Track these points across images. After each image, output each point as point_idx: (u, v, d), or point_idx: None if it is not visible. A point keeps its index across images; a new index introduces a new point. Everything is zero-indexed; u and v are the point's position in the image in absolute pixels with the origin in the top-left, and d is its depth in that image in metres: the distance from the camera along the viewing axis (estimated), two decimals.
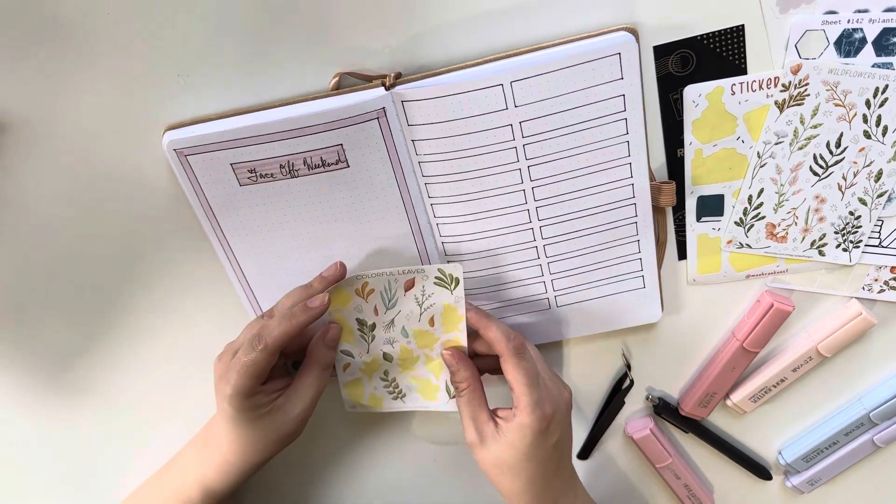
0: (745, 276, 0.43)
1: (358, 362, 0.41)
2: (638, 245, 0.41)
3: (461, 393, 0.39)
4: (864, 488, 0.50)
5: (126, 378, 0.45)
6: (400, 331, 0.40)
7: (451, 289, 0.38)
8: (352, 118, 0.35)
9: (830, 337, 0.43)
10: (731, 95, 0.37)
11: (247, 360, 0.36)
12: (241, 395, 0.37)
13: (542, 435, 0.37)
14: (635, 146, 0.37)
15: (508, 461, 0.38)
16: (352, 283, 0.39)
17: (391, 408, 0.43)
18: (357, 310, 0.40)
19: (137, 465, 0.48)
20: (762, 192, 0.40)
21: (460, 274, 0.38)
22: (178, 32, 0.35)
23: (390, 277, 0.38)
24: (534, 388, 0.37)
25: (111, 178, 0.39)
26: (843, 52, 0.36)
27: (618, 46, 0.34)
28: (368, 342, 0.40)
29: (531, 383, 0.37)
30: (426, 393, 0.42)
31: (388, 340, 0.40)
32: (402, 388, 0.42)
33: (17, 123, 0.36)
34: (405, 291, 0.39)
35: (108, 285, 0.42)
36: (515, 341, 0.38)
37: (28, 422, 0.46)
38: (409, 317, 0.39)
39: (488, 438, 0.38)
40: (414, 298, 0.39)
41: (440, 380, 0.42)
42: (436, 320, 0.39)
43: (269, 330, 0.36)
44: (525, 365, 0.37)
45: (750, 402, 0.46)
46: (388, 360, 0.41)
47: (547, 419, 0.37)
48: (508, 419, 0.38)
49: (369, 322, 0.40)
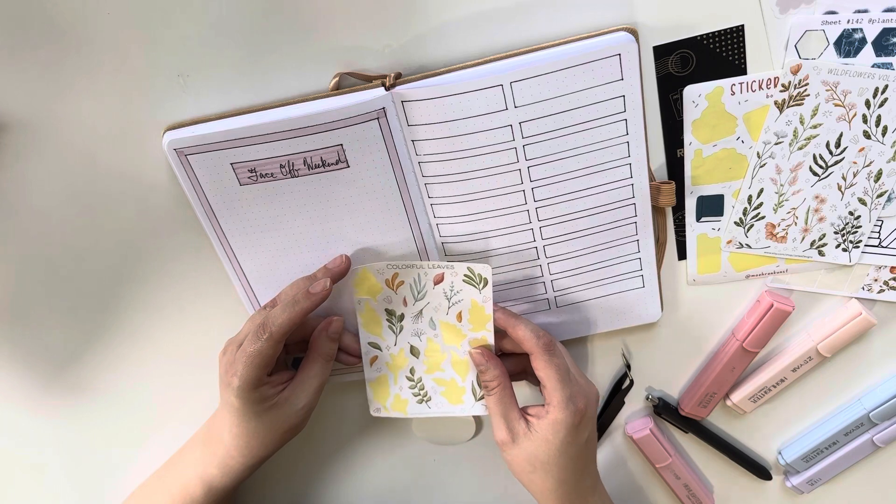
0: (744, 276, 0.43)
1: (385, 355, 0.42)
2: (637, 245, 0.41)
3: (491, 391, 0.40)
4: (864, 488, 0.50)
5: (126, 377, 0.46)
6: (428, 322, 0.40)
7: (479, 287, 0.39)
8: (352, 118, 0.35)
9: (830, 337, 0.43)
10: (731, 95, 0.37)
11: (253, 350, 0.36)
12: (248, 386, 0.37)
13: (575, 430, 0.38)
14: (635, 147, 0.37)
15: (541, 458, 0.38)
16: (382, 273, 0.39)
17: (415, 412, 0.43)
18: (386, 300, 0.40)
19: (137, 463, 0.48)
20: (762, 192, 0.40)
21: (489, 274, 0.38)
22: (178, 33, 0.35)
23: (420, 270, 0.39)
24: (566, 383, 0.38)
25: (111, 178, 0.39)
26: (842, 52, 0.36)
27: (618, 47, 0.34)
28: (396, 333, 0.41)
29: (563, 379, 0.38)
30: (452, 395, 0.42)
31: (416, 332, 0.41)
32: (427, 391, 0.42)
33: (17, 123, 0.37)
34: (434, 285, 0.39)
35: (107, 285, 0.42)
36: (545, 338, 0.38)
37: (27, 421, 0.47)
38: (437, 309, 0.40)
39: (520, 436, 0.39)
40: (443, 292, 0.39)
41: (466, 381, 0.42)
42: (463, 316, 0.40)
43: (274, 318, 0.37)
44: (556, 361, 0.38)
45: (750, 402, 0.47)
46: (416, 354, 0.41)
47: (580, 414, 0.38)
48: (541, 416, 0.38)
49: (398, 312, 0.40)
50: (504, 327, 0.40)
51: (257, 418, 0.38)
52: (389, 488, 0.50)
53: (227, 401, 0.38)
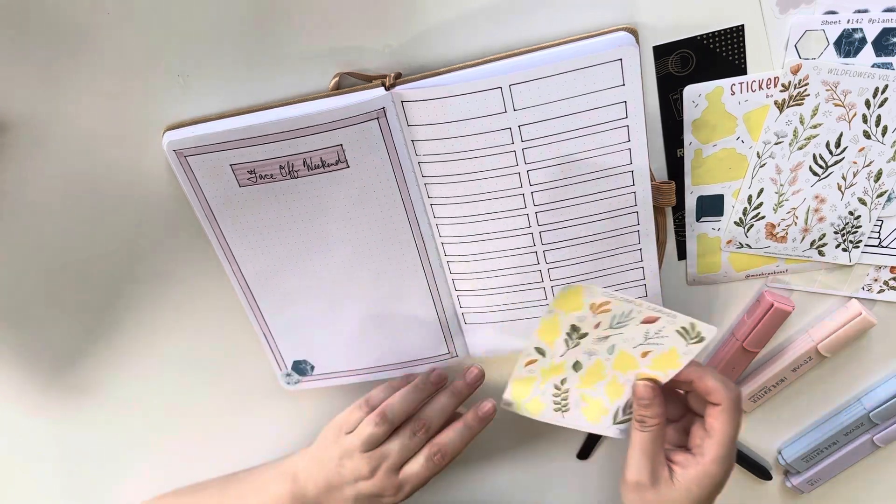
0: (744, 276, 0.43)
1: (544, 363, 0.40)
2: (640, 254, 0.41)
3: (648, 429, 0.39)
4: (864, 488, 0.50)
5: (125, 377, 0.46)
6: (608, 348, 0.39)
7: (688, 342, 0.37)
8: (352, 118, 0.35)
9: (830, 337, 0.43)
10: (731, 95, 0.37)
11: (426, 474, 0.40)
12: None
13: (719, 489, 0.38)
14: (637, 154, 0.37)
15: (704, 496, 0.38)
16: (593, 295, 0.36)
17: (546, 418, 0.42)
18: (579, 318, 0.37)
19: (137, 463, 0.48)
20: (762, 192, 0.40)
21: (710, 337, 0.36)
22: (178, 32, 0.35)
23: (635, 307, 0.36)
24: (734, 443, 0.38)
25: (111, 178, 0.39)
26: (842, 52, 0.36)
27: (618, 51, 0.34)
28: (569, 347, 0.39)
29: (735, 437, 0.37)
30: (591, 413, 0.41)
31: (590, 352, 0.39)
32: (570, 403, 0.41)
33: (17, 123, 0.37)
34: (641, 323, 0.37)
35: (107, 285, 0.42)
36: (736, 392, 0.38)
37: (27, 421, 0.47)
38: (627, 341, 0.38)
39: (661, 482, 0.38)
40: (644, 332, 0.37)
41: (614, 404, 0.41)
42: (650, 356, 0.38)
43: (452, 445, 0.41)
44: (738, 419, 0.37)
45: (750, 402, 0.47)
46: (577, 369, 0.40)
47: (729, 473, 0.38)
48: (688, 466, 0.38)
49: (582, 331, 0.38)
50: (690, 378, 0.39)
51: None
52: None
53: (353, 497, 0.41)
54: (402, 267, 0.41)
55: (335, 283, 0.42)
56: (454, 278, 0.42)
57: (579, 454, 0.50)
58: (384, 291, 0.42)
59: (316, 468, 0.42)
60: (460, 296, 0.43)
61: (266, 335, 0.44)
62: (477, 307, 0.43)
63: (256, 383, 0.47)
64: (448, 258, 0.41)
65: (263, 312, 0.43)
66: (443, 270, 0.42)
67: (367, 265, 0.41)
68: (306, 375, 0.46)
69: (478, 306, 0.43)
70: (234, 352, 0.45)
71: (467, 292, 0.43)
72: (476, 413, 0.42)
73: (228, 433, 0.49)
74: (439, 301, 0.43)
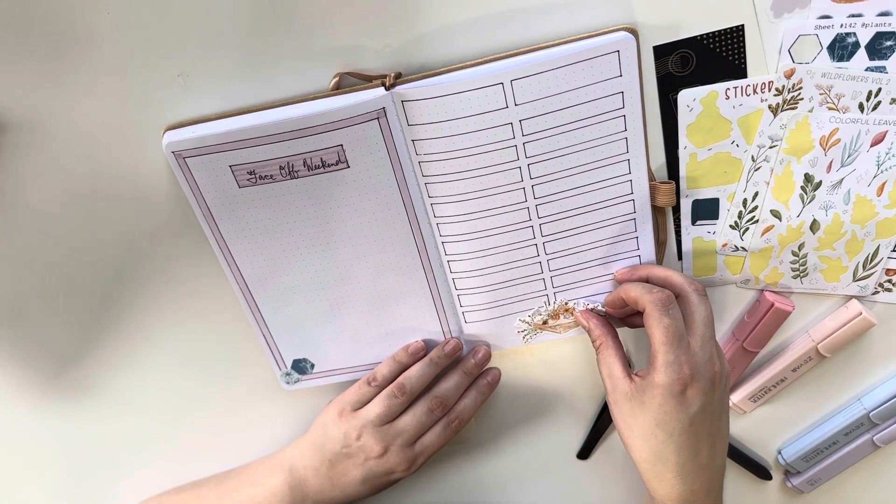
0: (739, 280, 0.44)
1: (781, 227, 0.39)
2: (637, 242, 0.42)
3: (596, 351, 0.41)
4: (864, 488, 0.51)
5: (125, 378, 0.47)
6: (843, 196, 0.37)
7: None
8: (352, 118, 0.37)
9: (830, 337, 0.44)
10: (726, 100, 0.38)
11: (441, 442, 0.42)
12: None
13: (676, 400, 0.36)
14: (634, 143, 0.39)
15: (638, 422, 0.37)
16: (821, 126, 0.36)
17: (786, 286, 0.41)
18: (812, 162, 0.37)
19: (136, 463, 0.49)
20: (756, 195, 0.41)
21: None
22: (178, 32, 0.36)
23: (861, 126, 0.35)
24: (672, 346, 0.36)
25: (111, 178, 0.40)
26: (836, 56, 0.37)
27: (616, 44, 0.35)
28: (805, 203, 0.38)
29: (671, 342, 0.36)
30: (830, 273, 0.41)
31: (825, 206, 0.38)
32: (808, 267, 0.40)
33: (17, 123, 0.37)
34: (870, 146, 0.35)
35: (107, 285, 0.43)
36: (658, 295, 0.37)
37: (27, 421, 0.48)
38: (860, 178, 0.37)
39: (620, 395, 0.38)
40: (875, 156, 0.36)
41: (852, 261, 0.40)
42: (886, 189, 0.37)
43: (466, 411, 0.44)
44: (666, 321, 0.36)
45: (750, 402, 0.48)
46: (814, 230, 0.39)
47: (682, 382, 0.35)
48: (643, 377, 0.37)
49: (816, 179, 0.37)
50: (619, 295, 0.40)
51: None
52: None
53: (373, 475, 0.43)
54: (402, 266, 0.43)
55: (335, 283, 0.43)
56: (454, 277, 0.44)
57: (579, 454, 0.51)
58: (384, 291, 0.44)
59: (316, 455, 0.43)
60: (461, 294, 0.44)
61: (265, 335, 0.45)
62: (477, 305, 0.45)
63: (256, 382, 0.48)
64: (448, 257, 0.43)
65: (263, 312, 0.44)
66: (443, 270, 0.43)
67: (367, 265, 0.42)
68: (306, 374, 0.47)
69: (478, 304, 0.45)
70: (233, 351, 0.46)
71: (467, 291, 0.44)
72: (486, 379, 0.45)
73: (228, 433, 0.49)
74: (439, 300, 0.44)
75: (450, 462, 0.52)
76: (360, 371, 0.47)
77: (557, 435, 0.51)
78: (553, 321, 0.44)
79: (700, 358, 0.37)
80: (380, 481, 0.43)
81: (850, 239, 0.41)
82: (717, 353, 0.38)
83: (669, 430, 0.37)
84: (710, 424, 0.37)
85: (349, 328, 0.45)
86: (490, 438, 0.51)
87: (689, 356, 0.36)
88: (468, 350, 0.46)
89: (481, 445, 0.51)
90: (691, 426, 0.37)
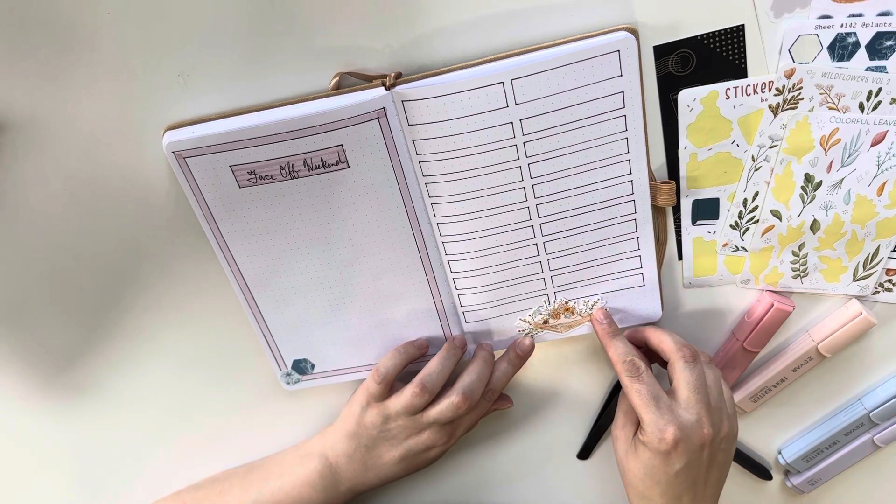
0: (739, 280, 0.45)
1: (781, 227, 0.40)
2: (637, 242, 0.43)
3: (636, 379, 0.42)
4: (864, 488, 0.52)
5: (125, 378, 0.47)
6: (843, 196, 0.38)
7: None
8: (352, 118, 0.37)
9: (830, 337, 0.45)
10: (726, 100, 0.39)
11: (478, 416, 0.44)
12: None
13: (661, 458, 0.39)
14: (634, 143, 0.39)
15: (630, 465, 0.41)
16: (821, 125, 0.37)
17: (786, 287, 0.43)
18: (812, 162, 0.38)
19: (137, 463, 0.50)
20: (757, 195, 0.42)
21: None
22: (178, 32, 0.36)
23: (862, 126, 0.36)
24: (649, 409, 0.39)
25: (111, 179, 0.40)
26: (836, 56, 0.37)
27: (617, 43, 0.36)
28: (805, 203, 0.39)
29: (646, 405, 0.39)
30: (830, 273, 0.42)
31: (826, 205, 0.39)
32: (808, 267, 0.42)
33: (17, 123, 0.38)
34: (871, 146, 0.36)
35: (107, 285, 0.44)
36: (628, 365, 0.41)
37: (27, 421, 0.48)
38: (861, 178, 0.38)
39: (620, 439, 0.43)
40: (876, 156, 0.37)
41: (853, 261, 0.41)
42: (886, 188, 0.38)
43: (498, 382, 0.45)
44: (637, 386, 0.40)
45: (750, 402, 0.49)
46: (814, 230, 0.40)
47: (666, 443, 0.39)
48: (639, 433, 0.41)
49: (816, 179, 0.38)
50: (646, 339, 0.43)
51: None
52: (388, 487, 0.51)
53: (413, 457, 0.44)
54: (402, 266, 0.43)
55: (336, 283, 0.44)
56: (455, 277, 0.44)
57: (579, 454, 0.52)
58: (384, 291, 0.44)
59: (350, 442, 0.44)
60: (461, 294, 0.45)
61: (265, 335, 0.46)
62: (477, 304, 0.45)
63: (257, 383, 0.48)
64: (449, 257, 0.43)
65: (263, 313, 0.45)
66: (443, 269, 0.44)
67: (368, 265, 0.43)
68: (306, 374, 0.47)
69: (478, 303, 0.45)
70: (234, 351, 0.47)
71: (468, 290, 0.44)
72: (516, 351, 0.45)
73: (229, 433, 0.50)
74: (440, 300, 0.45)
75: (450, 462, 0.52)
76: (360, 371, 0.47)
77: (557, 435, 0.52)
78: (554, 320, 0.45)
79: (685, 420, 0.39)
80: (419, 458, 0.45)
81: (851, 239, 0.42)
82: (707, 415, 0.40)
83: (657, 479, 0.40)
84: (695, 477, 0.41)
85: (350, 328, 0.46)
86: (490, 438, 0.52)
87: (673, 417, 0.39)
88: (470, 349, 0.46)
89: (482, 445, 0.52)
90: (675, 478, 0.40)
